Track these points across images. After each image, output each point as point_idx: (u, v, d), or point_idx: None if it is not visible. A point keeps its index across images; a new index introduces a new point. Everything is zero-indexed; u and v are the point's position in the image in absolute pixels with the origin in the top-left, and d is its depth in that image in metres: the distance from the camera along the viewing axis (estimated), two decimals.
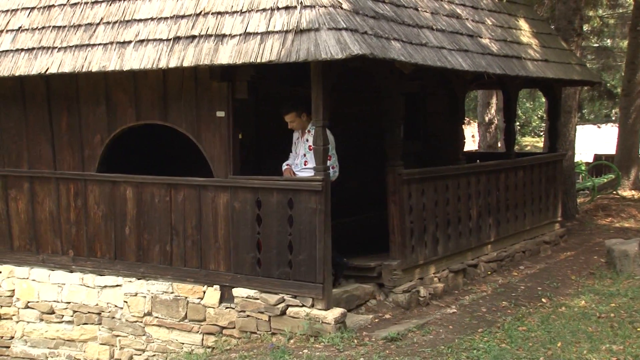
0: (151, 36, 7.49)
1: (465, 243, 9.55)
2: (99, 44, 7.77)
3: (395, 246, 8.22)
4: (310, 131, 7.57)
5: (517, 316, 7.77)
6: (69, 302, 8.75)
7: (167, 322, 8.13)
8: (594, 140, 28.68)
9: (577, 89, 14.59)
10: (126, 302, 8.37)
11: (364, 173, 10.23)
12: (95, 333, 8.62)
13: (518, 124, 32.89)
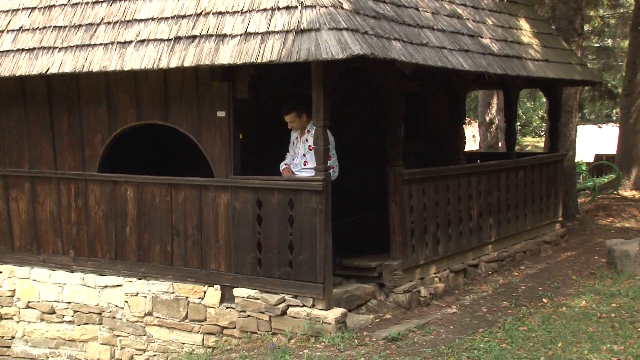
0: (152, 36, 7.49)
1: (466, 243, 9.55)
2: (100, 44, 7.77)
3: (396, 246, 8.22)
4: (310, 131, 7.57)
5: (518, 316, 7.77)
6: (70, 302, 8.75)
7: (168, 322, 8.13)
8: (594, 140, 28.63)
9: (578, 89, 14.59)
10: (127, 302, 8.37)
11: (364, 173, 10.22)
12: (96, 333, 8.62)
13: (519, 124, 32.87)
